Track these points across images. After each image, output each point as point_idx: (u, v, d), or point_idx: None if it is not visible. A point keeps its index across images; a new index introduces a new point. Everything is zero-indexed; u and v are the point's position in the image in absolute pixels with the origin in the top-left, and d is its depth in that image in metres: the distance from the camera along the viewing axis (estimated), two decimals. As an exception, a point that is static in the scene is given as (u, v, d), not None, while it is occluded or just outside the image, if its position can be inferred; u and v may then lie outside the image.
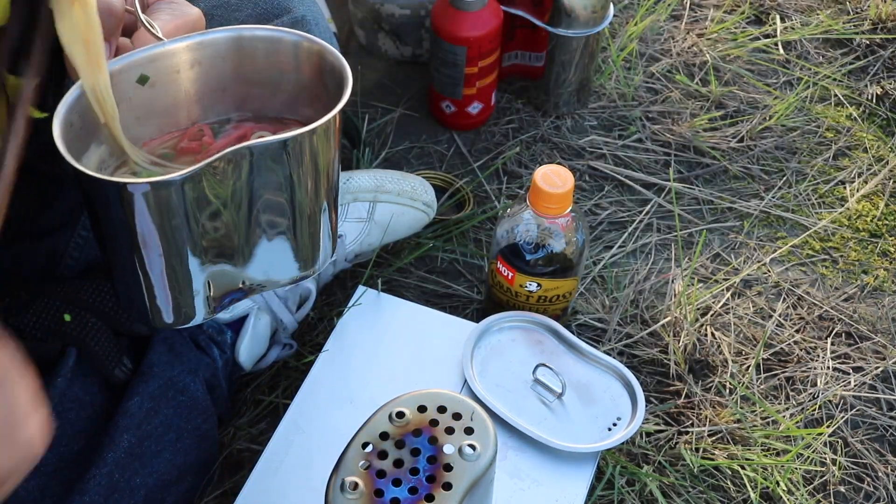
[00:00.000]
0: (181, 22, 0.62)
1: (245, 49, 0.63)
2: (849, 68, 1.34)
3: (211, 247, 0.58)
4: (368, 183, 1.02)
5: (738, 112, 1.28)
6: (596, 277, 1.09)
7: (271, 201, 0.59)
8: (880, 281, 1.11)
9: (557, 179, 0.88)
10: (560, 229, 0.91)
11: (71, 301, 0.79)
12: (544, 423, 0.88)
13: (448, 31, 1.12)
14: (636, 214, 1.16)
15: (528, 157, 1.21)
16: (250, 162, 0.56)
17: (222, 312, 0.91)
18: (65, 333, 0.77)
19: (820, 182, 1.21)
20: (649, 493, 0.91)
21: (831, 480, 0.94)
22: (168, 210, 0.55)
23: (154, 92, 0.62)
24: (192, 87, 0.64)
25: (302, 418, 0.88)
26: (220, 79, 0.64)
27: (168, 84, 0.63)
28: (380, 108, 1.26)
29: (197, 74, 0.63)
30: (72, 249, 0.85)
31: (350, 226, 1.01)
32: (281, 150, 0.56)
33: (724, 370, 1.01)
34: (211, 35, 0.62)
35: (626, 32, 1.34)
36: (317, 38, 0.62)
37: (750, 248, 1.14)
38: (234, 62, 0.64)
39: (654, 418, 0.97)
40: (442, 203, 1.14)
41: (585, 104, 1.27)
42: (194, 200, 0.55)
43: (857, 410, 0.99)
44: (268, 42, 0.63)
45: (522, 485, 0.85)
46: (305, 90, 0.64)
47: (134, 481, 0.76)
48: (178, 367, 0.82)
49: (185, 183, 0.54)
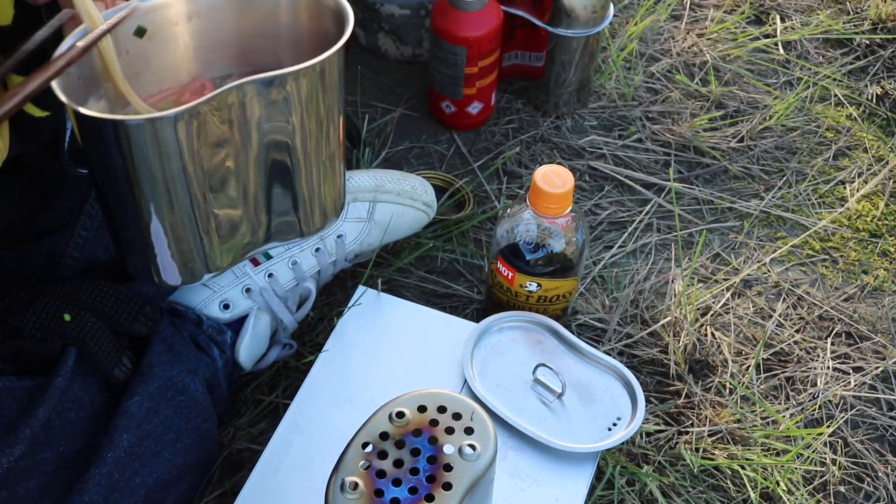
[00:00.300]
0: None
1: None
2: (849, 68, 1.34)
3: (214, 192, 0.57)
4: (368, 183, 1.02)
5: (738, 112, 1.28)
6: (596, 277, 1.09)
7: (273, 145, 0.56)
8: (880, 281, 1.11)
9: (557, 179, 0.88)
10: (560, 229, 0.91)
11: (71, 301, 0.79)
12: (544, 423, 0.88)
13: (448, 31, 1.12)
14: (636, 214, 1.16)
15: (528, 157, 1.21)
16: (244, 102, 0.54)
17: (223, 312, 0.91)
18: (64, 333, 0.77)
19: (820, 182, 1.21)
20: (649, 493, 0.91)
21: (831, 480, 0.94)
22: (165, 149, 0.53)
23: (152, 45, 0.60)
24: (192, 40, 0.62)
25: (302, 418, 0.88)
26: (219, 31, 0.62)
27: (166, 37, 0.61)
28: (380, 108, 1.26)
29: (196, 27, 0.61)
30: (72, 249, 0.85)
31: (350, 225, 1.01)
32: (277, 88, 0.54)
33: (724, 370, 1.01)
34: None
35: (626, 32, 1.34)
36: None
37: (750, 248, 1.14)
38: (233, 13, 0.62)
39: (654, 418, 0.97)
40: (442, 203, 1.14)
41: (585, 104, 1.27)
42: (192, 141, 0.53)
43: (857, 410, 0.99)
44: None
45: (522, 485, 0.85)
46: (306, 40, 0.62)
47: (134, 481, 0.76)
48: (177, 366, 0.82)
49: (180, 120, 0.52)
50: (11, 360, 0.76)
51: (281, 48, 0.64)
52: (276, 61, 0.64)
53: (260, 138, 0.56)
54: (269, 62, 0.64)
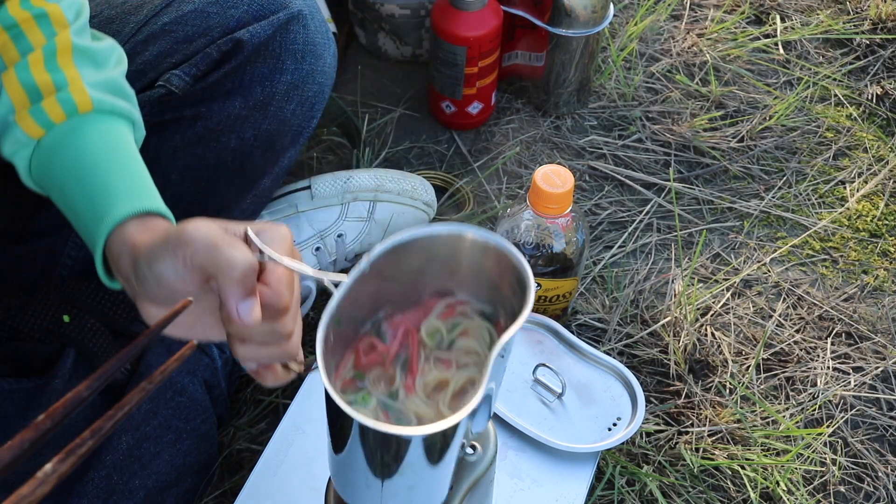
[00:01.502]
0: (287, 246, 0.61)
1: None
2: (849, 68, 1.34)
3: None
4: (369, 182, 1.02)
5: (738, 112, 1.28)
6: (596, 277, 1.09)
7: None
8: (880, 281, 1.11)
9: (557, 179, 0.87)
10: (560, 229, 0.91)
11: (70, 302, 0.79)
12: (544, 423, 0.88)
13: (448, 31, 1.12)
14: (636, 214, 1.16)
15: (528, 157, 1.21)
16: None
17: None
18: (63, 334, 0.77)
19: (820, 182, 1.21)
20: (649, 493, 0.91)
21: (831, 480, 0.94)
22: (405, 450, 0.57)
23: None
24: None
25: (302, 418, 0.88)
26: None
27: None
28: (380, 108, 1.25)
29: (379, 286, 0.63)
30: (70, 249, 0.85)
31: (350, 225, 1.01)
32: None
33: (724, 370, 1.01)
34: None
35: (626, 32, 1.34)
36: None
37: (750, 248, 1.14)
38: (416, 265, 0.63)
39: (654, 418, 0.97)
40: (442, 203, 1.14)
41: (585, 104, 1.26)
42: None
43: (857, 410, 0.99)
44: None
45: (522, 485, 0.85)
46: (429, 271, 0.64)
47: (133, 483, 0.76)
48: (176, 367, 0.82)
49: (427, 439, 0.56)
50: (10, 361, 0.76)
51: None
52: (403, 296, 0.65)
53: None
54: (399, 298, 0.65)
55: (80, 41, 0.70)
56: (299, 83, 0.88)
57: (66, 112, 0.67)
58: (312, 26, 0.88)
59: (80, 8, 0.72)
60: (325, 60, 0.90)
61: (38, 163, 0.68)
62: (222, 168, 0.87)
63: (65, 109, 0.67)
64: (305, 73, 0.88)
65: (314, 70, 0.89)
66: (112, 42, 0.74)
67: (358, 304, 0.61)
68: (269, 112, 0.87)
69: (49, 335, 0.76)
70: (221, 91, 0.85)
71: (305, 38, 0.87)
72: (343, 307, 0.58)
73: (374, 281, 0.60)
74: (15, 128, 0.68)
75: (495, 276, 0.62)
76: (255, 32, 0.84)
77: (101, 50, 0.71)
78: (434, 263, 0.62)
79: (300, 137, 0.92)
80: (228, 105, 0.85)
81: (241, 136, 0.87)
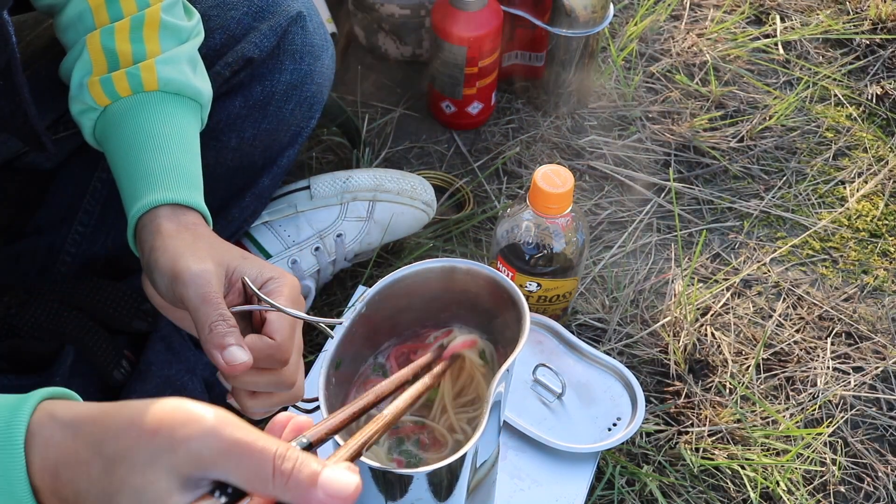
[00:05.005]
0: (293, 295, 0.64)
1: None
2: (849, 68, 1.34)
3: None
4: (368, 182, 1.02)
5: (738, 112, 1.28)
6: (596, 277, 1.09)
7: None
8: (880, 281, 1.11)
9: (557, 179, 0.87)
10: (560, 229, 0.91)
11: (68, 301, 0.79)
12: (544, 423, 0.88)
13: (448, 31, 1.12)
14: (636, 214, 1.15)
15: (528, 157, 1.21)
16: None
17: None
18: (63, 333, 0.77)
19: (820, 182, 1.21)
20: (649, 493, 0.91)
21: (831, 480, 0.94)
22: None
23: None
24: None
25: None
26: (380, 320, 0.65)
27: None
28: (380, 108, 1.25)
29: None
30: (69, 245, 0.85)
31: (350, 225, 1.01)
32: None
33: (724, 370, 1.01)
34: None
35: (626, 32, 1.34)
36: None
37: (750, 248, 1.14)
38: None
39: (654, 418, 0.97)
40: (442, 203, 1.14)
41: (585, 104, 1.26)
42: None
43: (857, 410, 0.99)
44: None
45: (522, 485, 0.85)
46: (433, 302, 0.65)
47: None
48: (176, 365, 0.82)
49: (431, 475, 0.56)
50: (9, 359, 0.76)
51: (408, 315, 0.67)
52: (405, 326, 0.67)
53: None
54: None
55: (169, 17, 0.73)
56: (298, 83, 0.88)
57: (132, 87, 0.71)
58: (311, 27, 0.88)
59: None
60: (324, 61, 0.91)
61: (101, 127, 0.73)
62: (222, 167, 0.87)
63: (131, 84, 0.71)
64: (304, 73, 0.88)
65: (312, 70, 0.89)
66: (198, 18, 0.77)
67: (356, 343, 0.63)
68: (268, 112, 0.87)
69: (48, 333, 0.76)
70: (222, 91, 0.85)
71: (304, 39, 0.87)
72: (341, 349, 0.60)
73: (370, 320, 0.62)
74: (85, 92, 0.71)
75: (490, 304, 0.63)
76: (262, 45, 0.84)
77: (185, 29, 0.74)
78: (428, 297, 0.64)
79: (299, 137, 0.92)
80: (228, 104, 0.86)
81: (241, 136, 0.87)
